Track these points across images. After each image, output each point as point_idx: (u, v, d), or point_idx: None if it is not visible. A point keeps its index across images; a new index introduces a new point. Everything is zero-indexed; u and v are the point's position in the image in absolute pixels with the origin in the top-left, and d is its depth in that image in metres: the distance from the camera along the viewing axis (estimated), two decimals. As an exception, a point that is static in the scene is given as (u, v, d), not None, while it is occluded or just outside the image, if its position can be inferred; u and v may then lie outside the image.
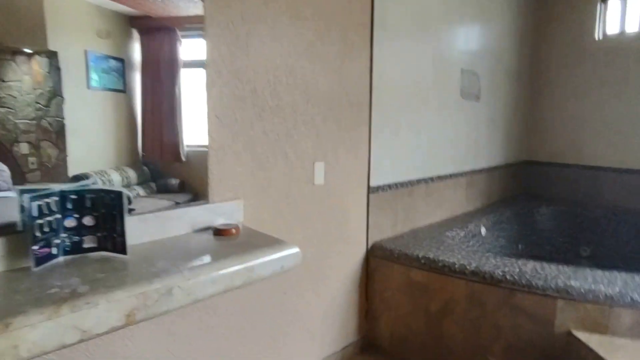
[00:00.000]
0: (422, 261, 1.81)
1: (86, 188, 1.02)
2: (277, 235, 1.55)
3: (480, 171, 2.90)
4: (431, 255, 1.82)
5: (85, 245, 1.04)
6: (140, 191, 1.21)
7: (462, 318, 1.72)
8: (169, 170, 1.30)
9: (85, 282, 0.87)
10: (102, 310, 0.81)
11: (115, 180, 1.11)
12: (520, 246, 3.10)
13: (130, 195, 1.19)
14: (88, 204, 1.02)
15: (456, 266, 1.72)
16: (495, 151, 3.09)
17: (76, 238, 1.02)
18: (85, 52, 1.09)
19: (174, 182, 1.31)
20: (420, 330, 1.86)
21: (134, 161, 1.20)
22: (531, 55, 3.41)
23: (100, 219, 1.04)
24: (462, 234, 2.36)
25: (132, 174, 1.19)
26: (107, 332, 0.84)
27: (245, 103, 1.39)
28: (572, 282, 1.52)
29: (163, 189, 1.27)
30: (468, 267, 1.69)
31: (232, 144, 1.37)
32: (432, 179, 2.39)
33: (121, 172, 1.16)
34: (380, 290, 1.99)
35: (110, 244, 1.05)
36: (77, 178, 1.04)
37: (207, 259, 1.05)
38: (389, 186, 2.08)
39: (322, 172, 1.72)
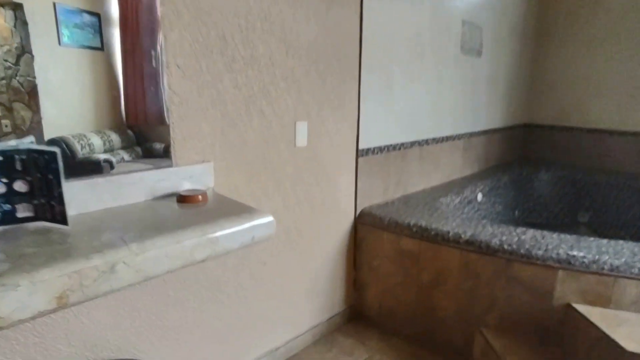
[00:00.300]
0: (414, 229, 1.69)
1: (12, 148, 0.86)
2: (254, 202, 1.41)
3: (479, 134, 2.74)
4: (423, 223, 1.69)
5: (20, 215, 0.89)
6: (125, 156, 1.10)
7: (455, 289, 1.62)
8: (154, 134, 1.18)
9: (9, 259, 0.74)
10: (24, 293, 0.68)
11: (96, 145, 1.00)
12: (516, 212, 3.00)
13: (113, 160, 1.07)
14: (18, 166, 0.87)
15: (450, 235, 1.60)
16: (495, 113, 2.92)
17: (7, 206, 0.88)
18: (54, 5, 0.94)
19: (159, 146, 1.19)
20: (410, 301, 1.77)
21: (117, 124, 1.08)
22: (539, 7, 3.16)
23: (35, 184, 0.89)
24: (457, 200, 2.24)
25: (115, 138, 1.08)
26: (34, 318, 0.71)
27: (212, 51, 1.21)
28: (575, 252, 1.40)
29: (149, 154, 1.16)
30: (463, 235, 1.57)
31: (197, 99, 1.20)
32: (427, 142, 2.24)
33: (102, 136, 1.05)
34: (368, 260, 1.88)
35: (49, 213, 0.90)
36: (53, 142, 0.93)
37: (163, 229, 0.91)
38: (380, 149, 1.93)
39: (305, 133, 1.56)
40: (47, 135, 0.89)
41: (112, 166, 1.08)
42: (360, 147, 1.82)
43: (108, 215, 1.00)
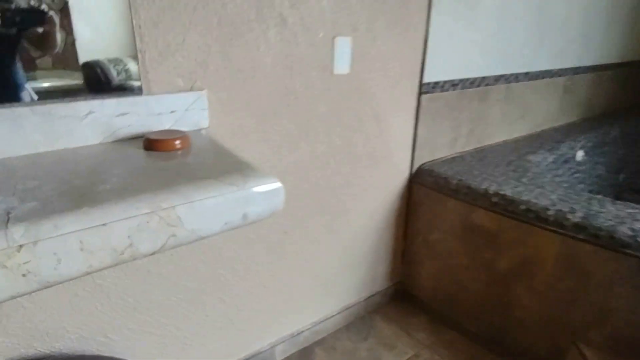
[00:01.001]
0: (494, 199, 1.22)
1: None
2: (270, 152, 1.02)
3: (586, 70, 2.07)
4: (508, 192, 1.22)
5: None
6: (164, 84, 0.86)
7: (546, 287, 1.17)
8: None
9: None
10: None
11: (132, 71, 0.82)
12: (621, 176, 2.36)
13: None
14: None
15: (549, 213, 1.11)
16: (611, 43, 2.18)
17: None
18: None
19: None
20: (477, 290, 1.35)
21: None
22: None
23: None
24: (550, 158, 1.69)
25: (153, 64, 0.85)
26: None
27: None
28: None
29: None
30: (571, 216, 1.08)
31: (176, -10, 0.78)
32: (516, 77, 1.66)
33: (140, 62, 0.83)
34: (424, 231, 1.46)
35: None
36: (87, 65, 0.77)
37: (90, 197, 0.54)
38: (453, 83, 1.41)
39: (348, 55, 1.09)
40: (82, 59, 0.77)
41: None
42: (426, 79, 1.32)
43: (30, 165, 0.66)
